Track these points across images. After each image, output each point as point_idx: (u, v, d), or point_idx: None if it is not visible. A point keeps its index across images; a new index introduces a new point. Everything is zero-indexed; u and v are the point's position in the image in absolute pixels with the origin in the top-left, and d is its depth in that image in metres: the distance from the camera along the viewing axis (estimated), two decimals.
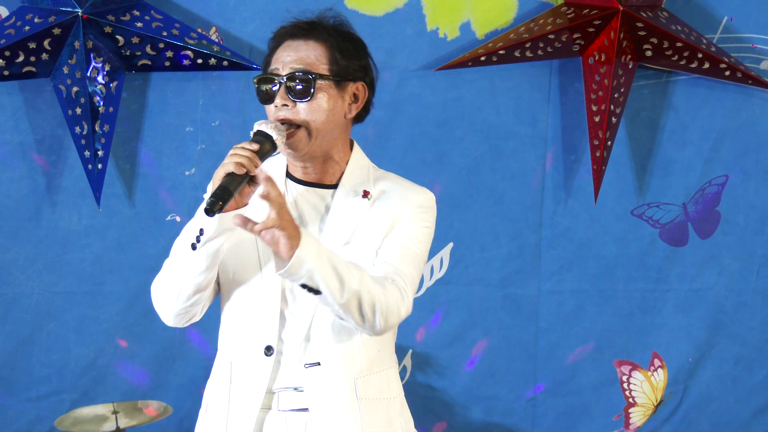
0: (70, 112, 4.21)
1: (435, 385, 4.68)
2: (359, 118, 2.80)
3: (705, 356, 4.78)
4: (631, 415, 4.81)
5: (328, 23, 2.76)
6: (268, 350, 2.70)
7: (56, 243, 4.39)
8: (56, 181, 4.36)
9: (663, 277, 4.72)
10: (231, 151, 2.58)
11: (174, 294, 2.68)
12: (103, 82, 4.21)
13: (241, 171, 2.55)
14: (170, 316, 2.73)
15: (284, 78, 2.68)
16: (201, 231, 2.60)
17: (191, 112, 4.40)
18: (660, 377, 4.78)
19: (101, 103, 4.21)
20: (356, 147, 2.84)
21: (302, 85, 2.67)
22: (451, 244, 4.60)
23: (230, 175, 2.55)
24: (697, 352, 4.77)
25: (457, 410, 4.71)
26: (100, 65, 4.19)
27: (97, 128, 4.21)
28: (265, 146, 2.62)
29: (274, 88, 2.69)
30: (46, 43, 4.14)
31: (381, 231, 2.74)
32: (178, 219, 4.41)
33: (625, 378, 4.77)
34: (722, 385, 4.80)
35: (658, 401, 4.81)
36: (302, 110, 2.68)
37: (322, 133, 2.70)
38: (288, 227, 2.52)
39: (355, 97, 2.76)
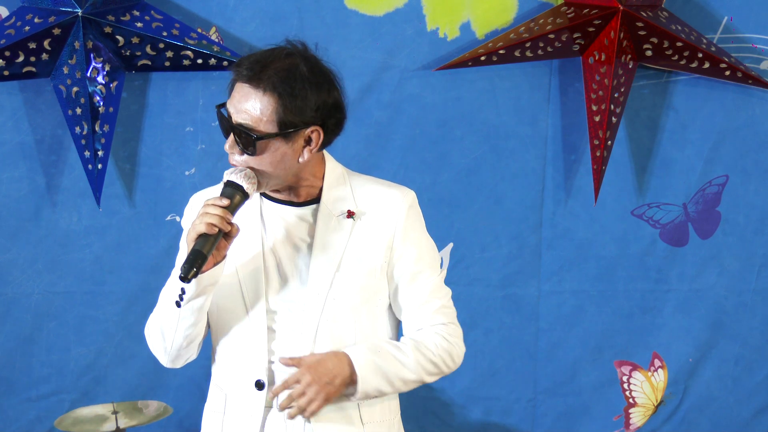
0: (70, 112, 4.21)
1: (434, 385, 4.68)
2: (327, 143, 2.71)
3: (705, 356, 4.78)
4: (631, 416, 4.81)
5: (271, 66, 2.60)
6: (260, 386, 2.68)
7: (56, 243, 4.38)
8: (56, 181, 4.36)
9: (663, 278, 4.71)
10: (201, 210, 2.55)
11: (168, 344, 2.70)
12: (103, 82, 4.21)
13: (213, 231, 2.53)
14: (167, 361, 2.75)
15: (233, 126, 2.60)
16: (183, 290, 2.60)
17: (191, 112, 4.40)
18: (660, 377, 4.78)
19: (101, 103, 4.21)
20: (327, 156, 2.78)
21: (246, 142, 2.59)
22: (451, 244, 4.59)
23: (203, 237, 2.54)
24: (697, 352, 4.77)
25: (456, 410, 4.71)
26: (100, 65, 4.19)
27: (97, 128, 4.21)
28: (236, 197, 2.59)
29: (227, 130, 2.62)
30: (46, 43, 4.14)
31: (375, 253, 2.71)
32: (178, 219, 4.41)
33: (625, 378, 4.77)
34: (722, 386, 4.80)
35: (659, 401, 4.81)
36: (249, 161, 2.61)
37: (275, 177, 2.64)
38: (334, 387, 2.62)
39: (309, 140, 2.65)
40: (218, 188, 2.70)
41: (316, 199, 2.72)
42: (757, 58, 4.63)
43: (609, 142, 4.49)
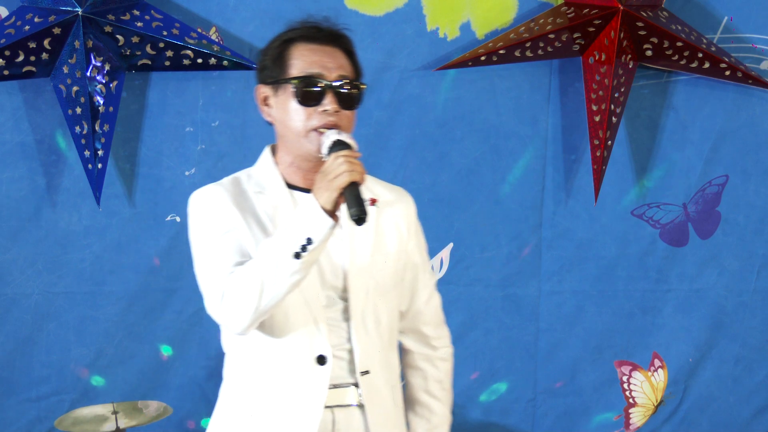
0: (70, 111, 4.21)
1: None
2: None
3: (705, 356, 4.78)
4: (631, 416, 4.81)
5: (342, 31, 2.78)
6: (321, 360, 2.68)
7: (56, 243, 4.38)
8: (56, 181, 4.36)
9: (663, 278, 4.71)
10: (344, 160, 2.54)
11: (265, 300, 2.57)
12: (103, 81, 4.21)
13: (363, 182, 2.55)
14: (246, 324, 2.61)
15: (334, 84, 2.68)
16: (309, 240, 2.52)
17: (191, 112, 4.39)
18: (660, 377, 4.78)
19: (101, 103, 4.21)
20: None
21: (352, 94, 2.69)
22: (451, 244, 4.59)
23: (355, 185, 2.53)
24: (697, 352, 4.77)
25: (456, 410, 4.70)
26: (100, 65, 4.19)
27: (97, 128, 4.20)
28: None
29: (321, 92, 2.67)
30: (46, 42, 4.14)
31: (397, 240, 2.80)
32: (177, 219, 4.41)
33: (625, 378, 4.77)
34: (722, 386, 4.80)
35: (659, 401, 4.81)
36: (345, 118, 2.69)
37: None
38: None
39: None
40: (222, 184, 2.74)
41: None
42: (757, 58, 4.63)
43: (609, 142, 4.49)
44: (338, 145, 2.60)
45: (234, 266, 2.62)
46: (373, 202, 2.77)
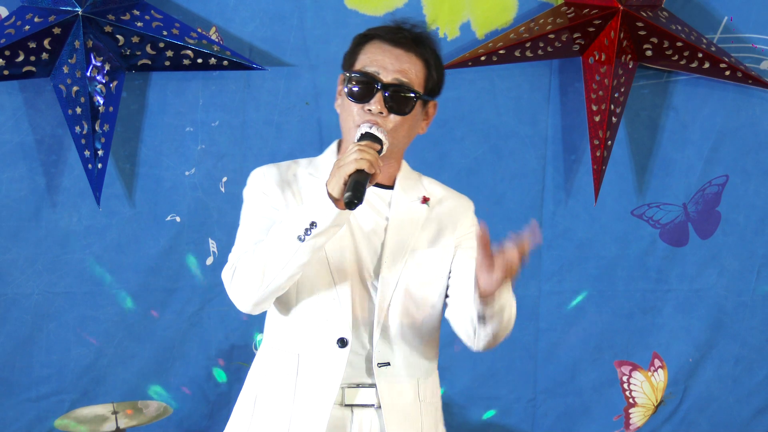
0: (70, 111, 4.21)
1: None
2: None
3: (705, 356, 4.78)
4: (631, 416, 4.81)
5: (426, 39, 2.77)
6: (342, 342, 2.70)
7: (56, 243, 4.38)
8: (56, 181, 4.36)
9: (663, 278, 4.71)
10: (354, 149, 2.57)
11: (267, 282, 2.63)
12: (103, 81, 4.21)
13: (372, 171, 2.57)
14: (250, 302, 2.67)
15: (386, 85, 2.69)
16: (313, 224, 2.57)
17: (191, 112, 4.39)
18: (660, 377, 4.78)
19: (101, 103, 4.21)
20: None
21: (403, 100, 2.70)
22: None
23: (361, 173, 2.56)
24: (697, 352, 4.77)
25: (456, 410, 4.70)
26: (100, 65, 4.19)
27: (97, 128, 4.20)
28: (378, 147, 2.65)
29: (371, 90, 2.69)
30: (46, 42, 4.14)
31: (446, 238, 2.81)
32: (178, 219, 4.41)
33: (625, 378, 4.77)
34: (722, 386, 4.80)
35: (659, 401, 4.81)
36: (392, 123, 2.70)
37: (397, 144, 2.74)
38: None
39: (427, 114, 2.81)
40: (278, 165, 2.79)
41: (390, 186, 2.81)
42: (757, 58, 4.63)
43: (609, 142, 4.49)
44: (366, 137, 2.64)
45: (254, 245, 2.68)
46: (426, 200, 2.81)
